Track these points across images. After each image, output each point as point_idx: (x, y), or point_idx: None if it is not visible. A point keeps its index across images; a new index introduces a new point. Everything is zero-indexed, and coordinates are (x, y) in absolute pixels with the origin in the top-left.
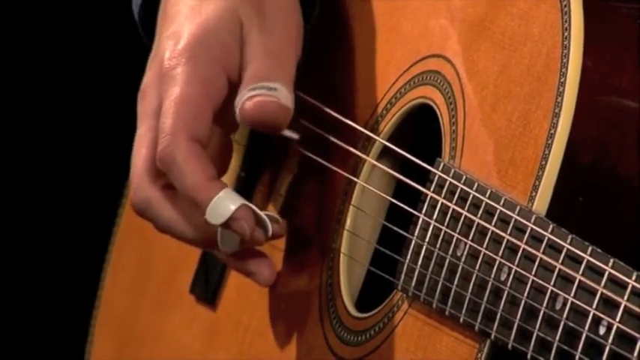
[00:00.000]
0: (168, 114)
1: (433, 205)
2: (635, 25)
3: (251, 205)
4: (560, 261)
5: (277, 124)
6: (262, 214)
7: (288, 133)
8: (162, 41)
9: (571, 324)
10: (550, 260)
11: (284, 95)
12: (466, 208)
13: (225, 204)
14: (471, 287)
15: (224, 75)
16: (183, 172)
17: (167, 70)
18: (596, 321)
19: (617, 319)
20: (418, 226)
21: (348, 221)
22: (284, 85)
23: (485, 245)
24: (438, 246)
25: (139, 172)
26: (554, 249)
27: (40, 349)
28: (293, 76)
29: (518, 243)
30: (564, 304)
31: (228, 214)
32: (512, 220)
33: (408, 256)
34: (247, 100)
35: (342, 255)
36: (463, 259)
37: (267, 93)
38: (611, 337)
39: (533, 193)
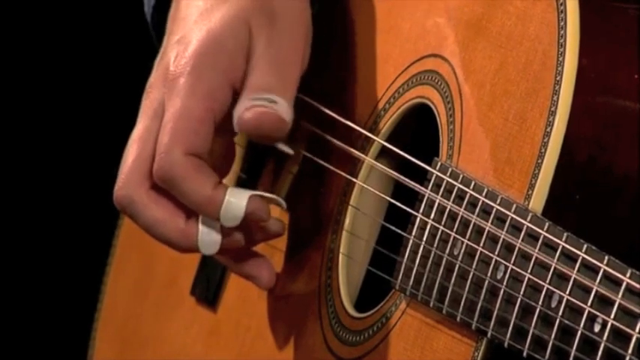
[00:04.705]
0: (166, 130)
1: (430, 204)
2: (633, 25)
3: (257, 192)
4: (555, 259)
5: (273, 136)
6: (270, 195)
7: (283, 147)
8: (170, 44)
9: (566, 322)
10: (545, 258)
11: (283, 109)
12: (463, 207)
13: (234, 205)
14: (467, 286)
15: (228, 86)
16: (185, 190)
17: (172, 76)
18: (591, 318)
19: (612, 316)
20: (416, 226)
21: (347, 221)
22: (284, 99)
23: (481, 244)
24: (435, 245)
25: (127, 169)
26: (549, 247)
27: (42, 354)
28: (295, 90)
29: (514, 241)
30: (560, 302)
31: (242, 213)
32: (509, 219)
33: (406, 256)
34: (247, 110)
35: (340, 255)
36: (460, 258)
37: (267, 105)
38: (605, 335)
39: (530, 192)
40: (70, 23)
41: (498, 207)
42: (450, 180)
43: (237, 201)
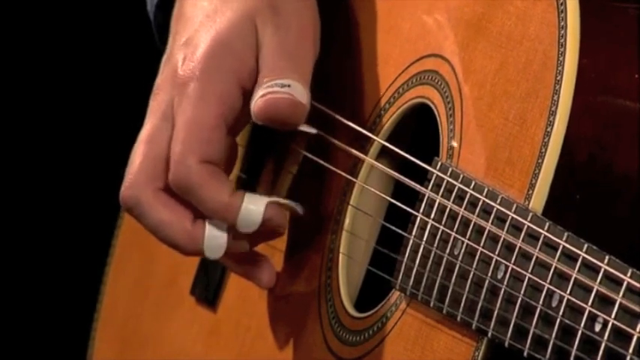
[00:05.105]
0: (179, 138)
1: (431, 204)
2: (633, 25)
3: (273, 198)
4: (556, 258)
5: (291, 120)
6: (286, 201)
7: (305, 128)
8: (177, 46)
9: (567, 321)
10: (546, 258)
11: (297, 91)
12: (463, 207)
13: (252, 211)
14: (468, 286)
15: (238, 87)
16: (203, 198)
17: (180, 80)
18: (592, 318)
19: (613, 315)
20: (416, 226)
21: (347, 221)
22: (298, 81)
23: (482, 244)
24: (435, 245)
25: (134, 169)
26: (550, 247)
27: (42, 354)
28: (308, 72)
29: (515, 241)
30: (560, 302)
31: (260, 219)
32: (509, 219)
33: (406, 255)
34: (261, 98)
35: (341, 255)
36: (460, 258)
37: (280, 90)
38: (606, 334)
39: (530, 192)
40: (75, 23)
41: (499, 207)
42: (450, 180)
43: (255, 208)
